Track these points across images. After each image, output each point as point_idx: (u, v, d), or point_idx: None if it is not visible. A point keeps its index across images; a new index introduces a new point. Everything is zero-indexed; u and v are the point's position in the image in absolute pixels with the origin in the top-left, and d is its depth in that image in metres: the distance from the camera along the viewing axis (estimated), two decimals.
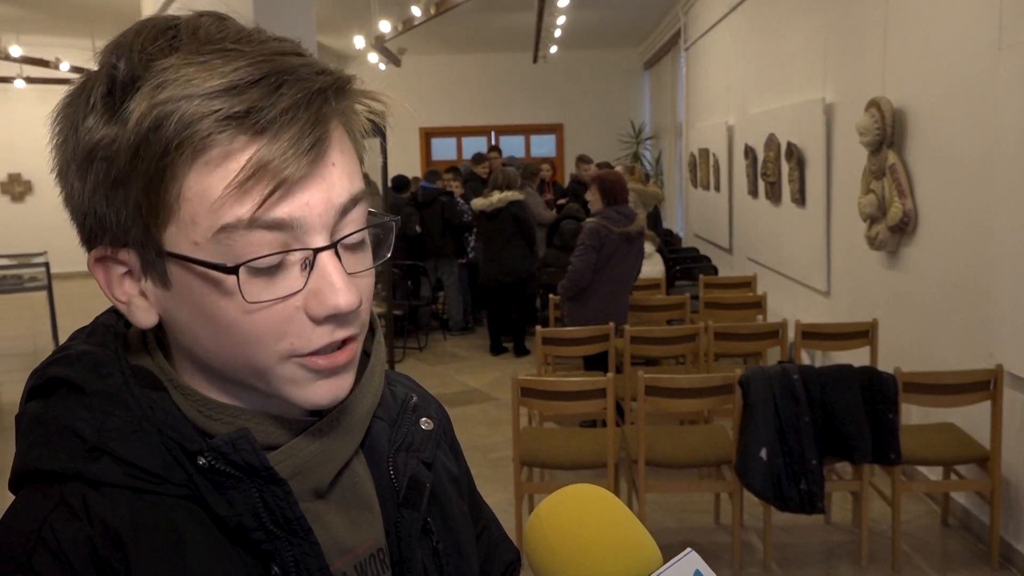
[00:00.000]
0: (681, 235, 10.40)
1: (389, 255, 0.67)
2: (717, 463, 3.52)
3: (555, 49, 11.00)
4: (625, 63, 13.94)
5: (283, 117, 0.56)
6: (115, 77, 0.57)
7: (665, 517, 3.93)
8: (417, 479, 0.73)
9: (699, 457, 3.49)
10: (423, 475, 0.74)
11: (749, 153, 6.97)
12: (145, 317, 0.63)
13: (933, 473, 3.90)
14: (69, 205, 0.61)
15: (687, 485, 3.84)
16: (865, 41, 4.60)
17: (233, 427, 0.63)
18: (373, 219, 0.65)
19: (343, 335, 0.62)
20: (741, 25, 7.40)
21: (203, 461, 0.61)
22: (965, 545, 3.60)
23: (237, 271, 0.57)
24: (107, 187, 0.58)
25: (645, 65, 13.72)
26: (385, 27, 8.27)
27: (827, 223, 5.25)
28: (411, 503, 0.72)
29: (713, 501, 3.92)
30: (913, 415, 3.90)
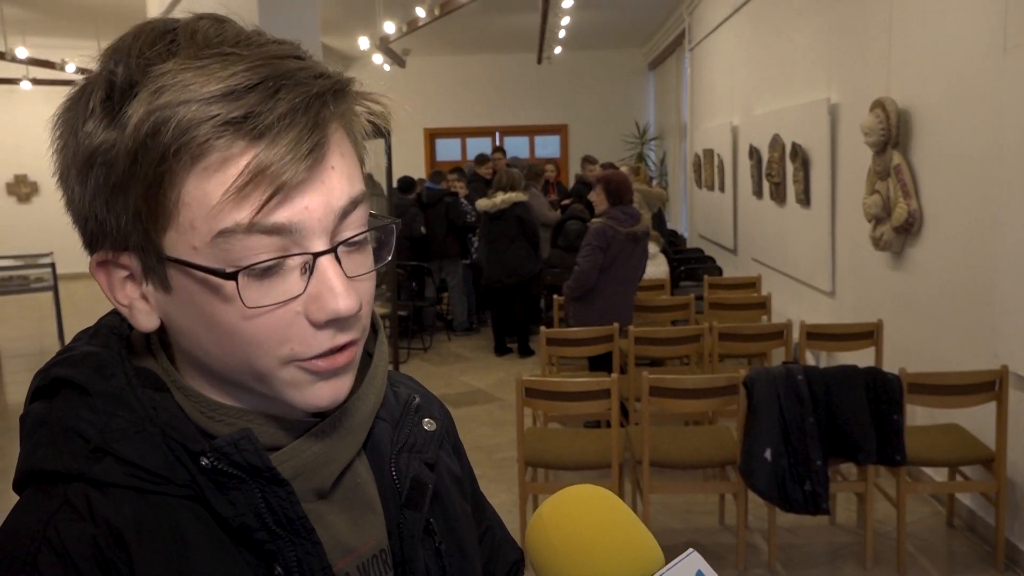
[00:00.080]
0: (686, 236, 10.39)
1: (390, 258, 0.67)
2: (721, 464, 3.52)
3: (559, 50, 11.01)
4: (629, 64, 13.93)
5: (281, 122, 0.56)
6: (113, 82, 0.57)
7: (669, 518, 3.93)
8: (419, 480, 0.73)
9: (703, 458, 3.49)
10: (425, 476, 0.74)
11: (753, 154, 6.96)
12: (147, 321, 0.63)
13: (938, 474, 3.89)
14: (70, 209, 0.62)
15: (691, 486, 3.84)
16: (870, 41, 4.59)
17: (235, 428, 0.63)
18: (374, 221, 0.64)
19: (344, 340, 0.62)
20: (745, 26, 7.40)
21: (206, 462, 0.61)
22: (970, 546, 3.59)
23: (236, 277, 0.57)
24: (107, 192, 0.58)
25: (649, 66, 13.71)
26: (389, 28, 8.28)
27: (832, 224, 5.24)
28: (413, 504, 0.72)
29: (717, 502, 3.92)
30: (918, 416, 3.90)
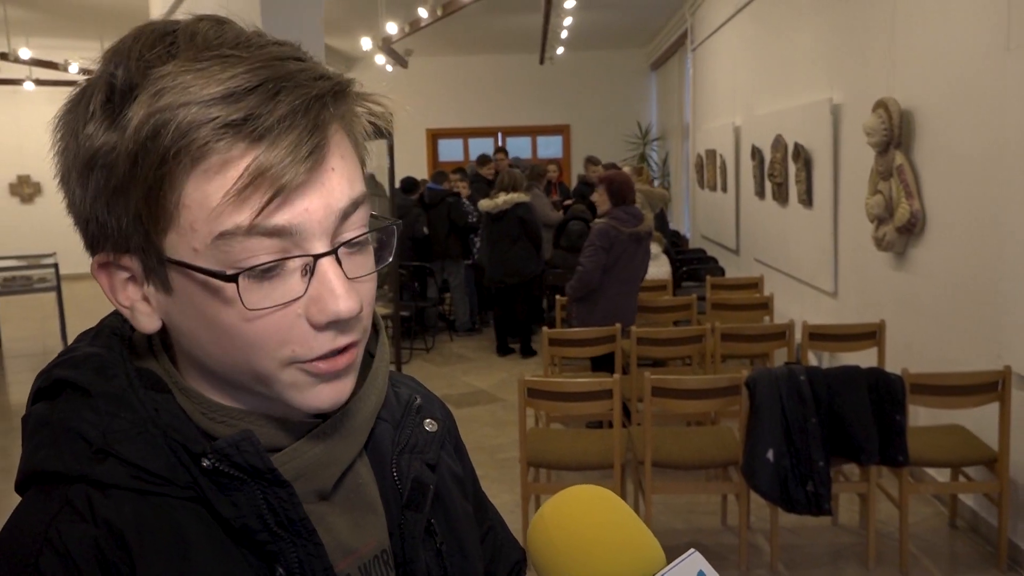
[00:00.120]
0: (688, 236, 10.39)
1: (391, 259, 0.67)
2: (724, 464, 3.51)
3: (562, 50, 11.01)
4: (632, 64, 13.93)
5: (281, 124, 0.55)
6: (113, 84, 0.57)
7: (672, 518, 3.93)
8: (420, 481, 0.73)
9: (706, 458, 3.49)
10: (426, 477, 0.74)
11: (756, 154, 6.96)
12: (148, 322, 0.63)
13: (941, 475, 3.89)
14: (72, 211, 0.62)
15: (694, 486, 3.84)
16: (872, 42, 4.59)
17: (237, 429, 0.63)
18: (375, 223, 0.64)
19: (345, 341, 0.62)
20: (748, 26, 7.39)
21: (207, 463, 0.61)
22: (973, 547, 3.59)
23: (236, 279, 0.57)
24: (108, 194, 0.58)
25: (652, 66, 13.70)
26: (392, 29, 8.28)
27: (834, 224, 5.23)
28: (414, 505, 0.72)
29: (720, 502, 3.92)
30: (921, 416, 3.89)
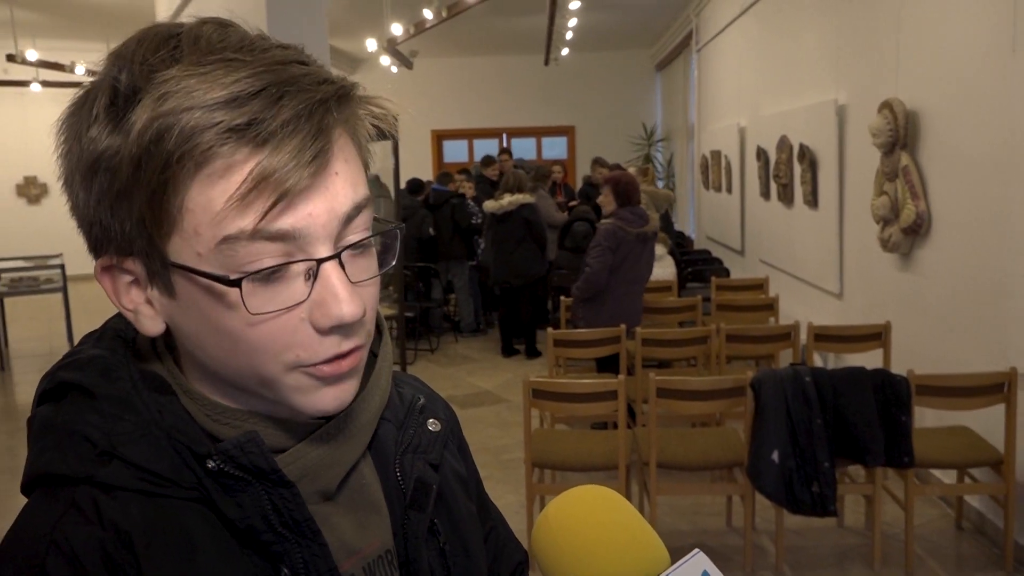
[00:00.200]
0: (693, 237, 10.38)
1: (395, 262, 0.67)
2: (729, 465, 3.51)
3: (567, 51, 10.99)
4: (637, 65, 13.92)
5: (284, 129, 0.55)
6: (117, 88, 0.57)
7: (676, 519, 3.92)
8: (423, 481, 0.73)
9: (711, 459, 3.48)
10: (429, 477, 0.74)
11: (761, 155, 6.95)
12: (152, 325, 0.63)
13: (947, 476, 3.88)
14: (75, 214, 0.62)
15: (699, 487, 3.83)
16: (878, 42, 4.58)
17: (241, 431, 0.64)
18: (378, 226, 0.65)
19: (349, 346, 0.62)
20: (753, 27, 7.38)
21: (212, 464, 0.61)
22: (979, 549, 3.58)
23: (240, 283, 0.57)
24: (111, 198, 0.58)
25: (657, 67, 13.70)
26: (397, 30, 8.29)
27: (840, 225, 5.23)
28: (417, 505, 0.72)
29: (725, 503, 3.91)
30: (927, 418, 3.88)
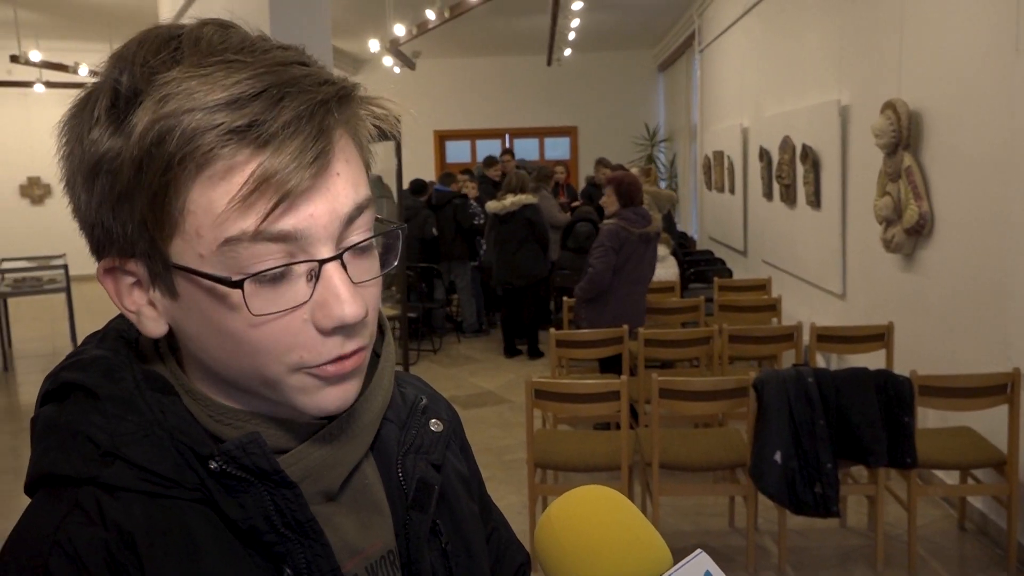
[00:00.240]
0: (695, 238, 10.37)
1: (397, 262, 0.67)
2: (731, 466, 3.51)
3: (569, 52, 11.00)
4: (639, 65, 13.92)
5: (286, 130, 0.56)
6: (118, 90, 0.57)
7: (679, 520, 3.92)
8: (425, 481, 0.73)
9: (713, 460, 3.48)
10: (431, 477, 0.74)
11: (764, 155, 6.94)
12: (154, 327, 0.63)
13: (950, 477, 3.87)
14: (77, 216, 0.62)
15: (701, 488, 3.83)
16: (881, 43, 4.58)
17: (243, 431, 0.64)
18: (380, 227, 0.65)
19: (352, 347, 0.62)
20: (756, 27, 7.38)
21: (215, 465, 0.61)
22: (982, 550, 3.57)
23: (242, 285, 0.57)
24: (113, 200, 0.58)
25: (659, 67, 13.69)
26: (400, 31, 8.29)
27: (842, 225, 5.22)
28: (419, 505, 0.72)
29: (727, 504, 3.91)
30: (929, 418, 3.88)
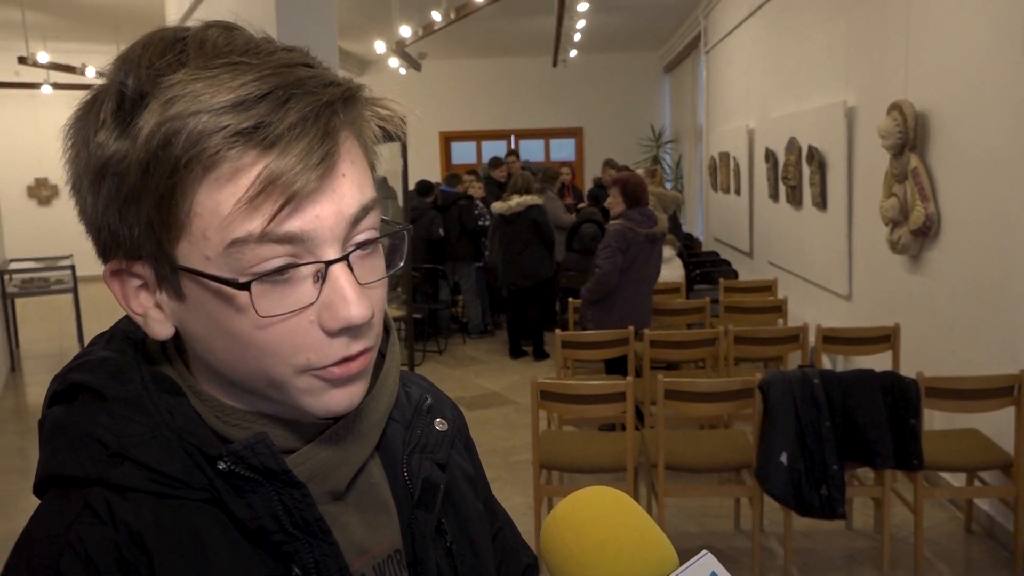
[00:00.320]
0: (701, 239, 10.36)
1: (403, 263, 0.67)
2: (737, 467, 3.50)
3: (575, 53, 11.00)
4: (645, 67, 13.90)
5: (291, 132, 0.56)
6: (124, 93, 0.57)
7: (684, 521, 3.92)
8: (431, 480, 0.73)
9: (719, 461, 3.48)
10: (436, 476, 0.74)
11: (770, 157, 6.93)
12: (161, 329, 0.63)
13: (956, 479, 3.85)
14: (83, 219, 0.62)
15: (707, 489, 3.82)
16: (887, 44, 4.57)
17: (250, 432, 0.64)
18: (386, 228, 0.65)
19: (358, 348, 0.62)
20: (761, 28, 7.37)
21: (223, 465, 0.61)
22: (989, 552, 3.56)
23: (249, 286, 0.57)
24: (119, 203, 0.58)
25: (665, 69, 13.68)
26: (405, 32, 8.30)
27: (848, 227, 5.21)
28: (424, 504, 0.73)
29: (733, 506, 3.90)
30: (936, 420, 3.87)
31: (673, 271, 6.04)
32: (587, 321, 4.97)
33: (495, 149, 12.97)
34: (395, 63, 10.01)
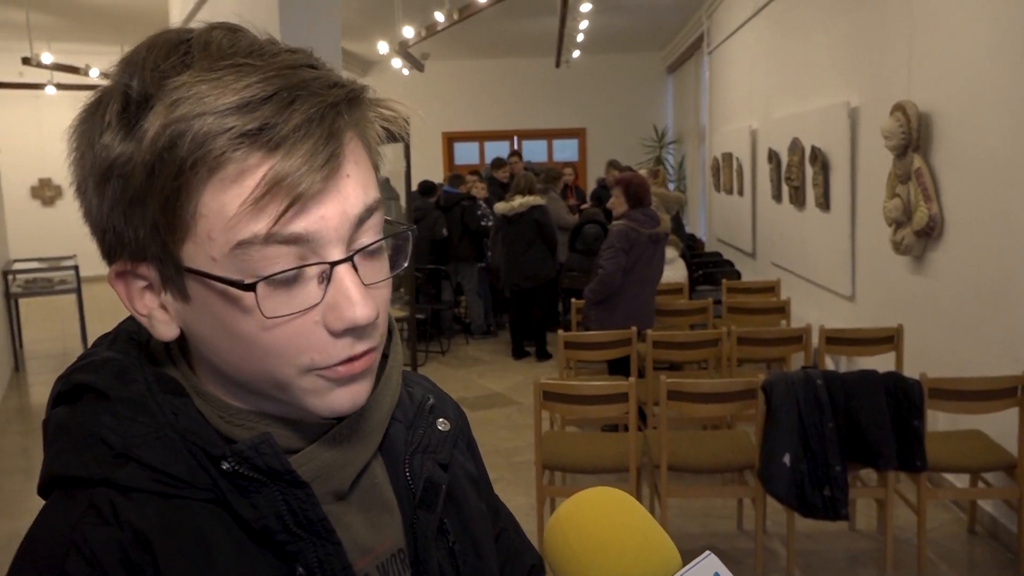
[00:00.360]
0: (704, 240, 10.36)
1: (407, 264, 0.67)
2: (740, 468, 3.50)
3: (578, 54, 10.99)
4: (648, 67, 13.90)
5: (296, 133, 0.56)
6: (129, 95, 0.58)
7: (687, 522, 3.92)
8: (433, 481, 0.74)
9: (722, 462, 3.47)
10: (438, 476, 0.74)
11: (773, 157, 6.93)
12: (166, 330, 0.63)
13: (959, 480, 3.85)
14: (88, 220, 0.62)
15: (709, 490, 3.82)
16: (890, 44, 4.56)
17: (254, 432, 0.64)
18: (390, 229, 0.65)
19: (362, 348, 0.62)
20: (765, 29, 7.37)
21: (227, 466, 0.61)
22: (992, 554, 3.55)
23: (255, 288, 0.57)
24: (124, 204, 0.58)
25: (668, 69, 13.67)
26: (409, 33, 8.31)
27: (852, 228, 5.21)
28: (426, 504, 0.73)
29: (736, 507, 3.90)
30: (939, 421, 3.86)
31: (676, 272, 6.03)
32: (590, 322, 4.97)
33: (498, 150, 12.97)
34: (398, 64, 10.02)
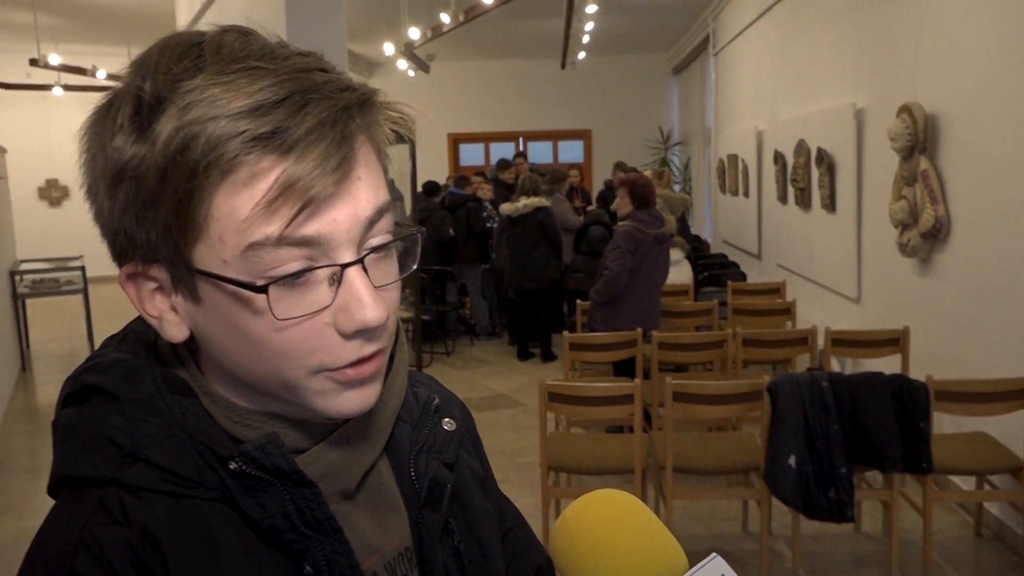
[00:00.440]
0: (709, 241, 10.34)
1: (416, 266, 0.67)
2: (745, 470, 3.50)
3: (583, 55, 11.00)
4: (653, 69, 13.90)
5: (309, 136, 0.56)
6: (141, 97, 0.58)
7: (692, 524, 3.91)
8: (438, 480, 0.74)
9: (727, 464, 3.47)
10: (444, 476, 0.75)
11: (779, 159, 6.92)
12: (176, 331, 0.64)
13: (966, 483, 3.84)
14: (99, 222, 0.62)
15: (715, 492, 3.82)
16: (896, 46, 4.56)
17: (262, 432, 0.64)
18: (399, 231, 0.65)
19: (372, 350, 0.62)
20: (770, 30, 7.36)
21: (234, 466, 0.62)
22: (998, 556, 3.54)
23: (267, 289, 0.58)
24: (136, 207, 0.59)
25: (674, 70, 13.67)
26: (414, 34, 8.32)
27: (858, 229, 5.20)
28: (432, 504, 0.73)
29: (741, 508, 3.90)
30: (945, 424, 3.85)
31: (681, 273, 6.03)
32: (595, 323, 4.97)
33: (503, 151, 12.98)
34: (403, 65, 10.03)
